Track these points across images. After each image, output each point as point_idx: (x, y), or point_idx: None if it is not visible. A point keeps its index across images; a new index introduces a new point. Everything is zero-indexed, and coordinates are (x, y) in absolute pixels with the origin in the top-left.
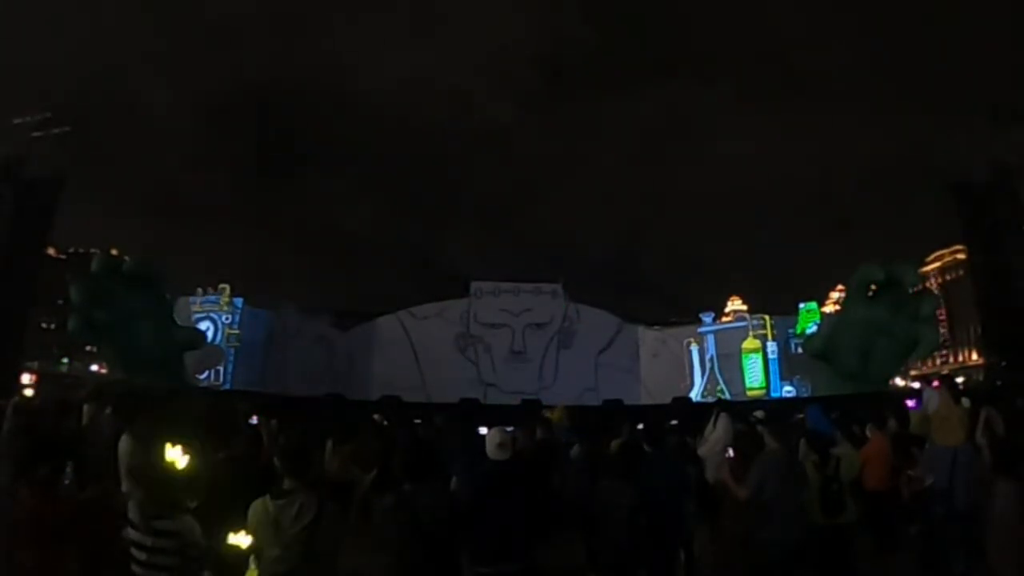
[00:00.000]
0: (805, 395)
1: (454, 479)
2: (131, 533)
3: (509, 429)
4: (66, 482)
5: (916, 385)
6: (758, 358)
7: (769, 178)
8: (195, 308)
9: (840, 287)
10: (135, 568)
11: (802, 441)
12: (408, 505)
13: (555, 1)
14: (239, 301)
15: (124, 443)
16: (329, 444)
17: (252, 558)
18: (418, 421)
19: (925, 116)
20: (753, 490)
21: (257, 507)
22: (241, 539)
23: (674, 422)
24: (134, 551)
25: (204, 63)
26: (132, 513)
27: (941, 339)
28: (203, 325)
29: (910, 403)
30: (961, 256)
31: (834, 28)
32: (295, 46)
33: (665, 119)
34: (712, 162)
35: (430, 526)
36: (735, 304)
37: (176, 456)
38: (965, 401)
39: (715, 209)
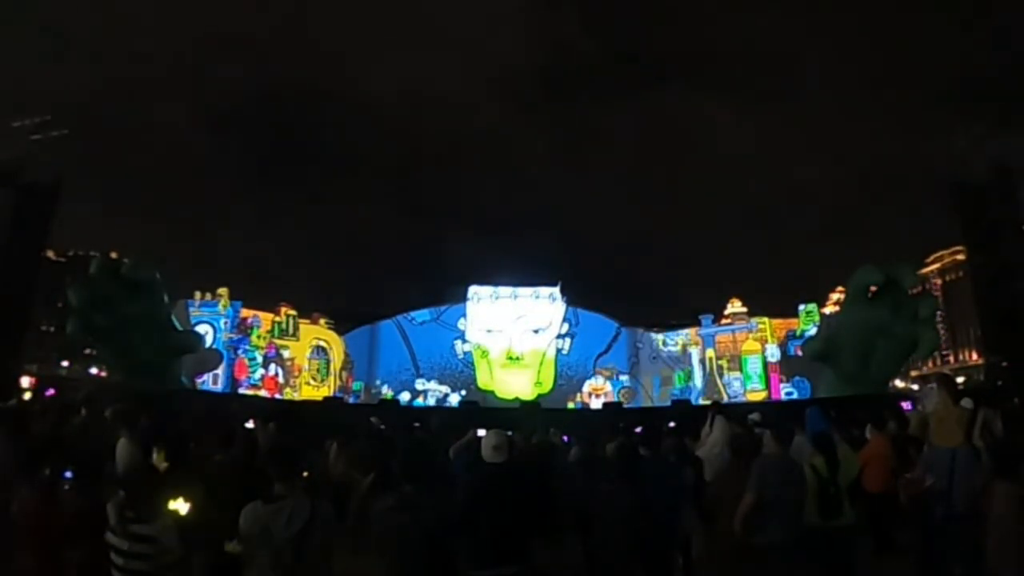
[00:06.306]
0: (805, 397)
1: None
2: (110, 537)
3: (509, 433)
4: (66, 486)
5: (916, 387)
6: (758, 360)
7: (768, 180)
8: (193, 312)
9: (840, 288)
10: (114, 572)
11: (805, 442)
12: (409, 506)
13: (555, 11)
14: (238, 304)
15: (122, 446)
16: (334, 446)
17: (245, 563)
18: (416, 424)
19: (925, 117)
20: (756, 494)
21: (248, 512)
22: (234, 544)
23: (672, 424)
24: (112, 555)
25: (206, 69)
26: (111, 517)
27: (940, 340)
28: (201, 329)
29: (906, 405)
30: (961, 257)
31: (832, 31)
32: (297, 54)
33: (664, 123)
34: (711, 165)
35: (432, 527)
36: (735, 306)
37: (160, 460)
38: (967, 401)
39: (714, 211)
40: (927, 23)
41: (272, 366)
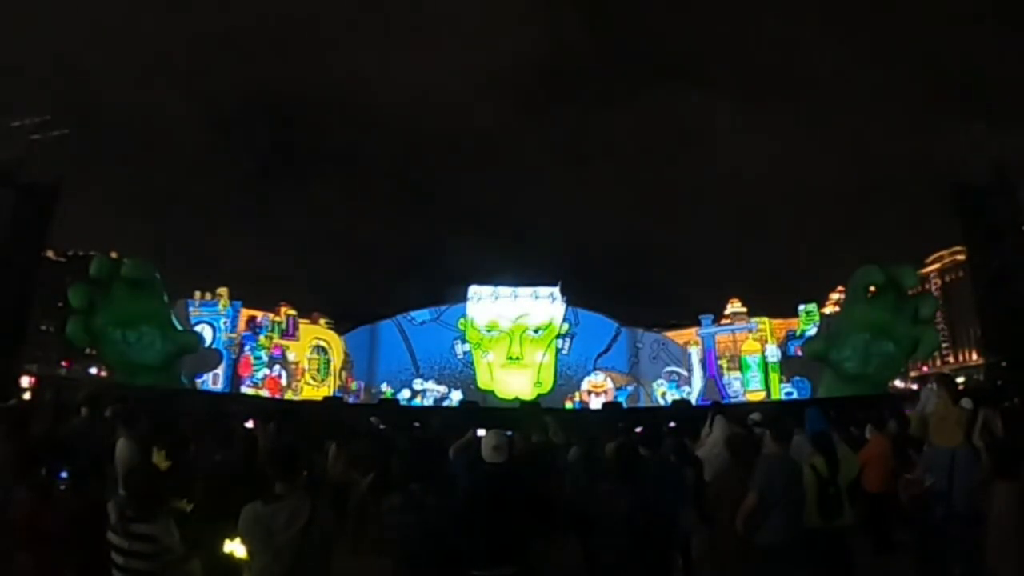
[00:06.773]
0: (805, 397)
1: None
2: (111, 536)
3: (508, 433)
4: (62, 487)
5: (916, 387)
6: (758, 360)
7: (768, 180)
8: (193, 312)
9: (840, 289)
10: (114, 572)
11: (804, 442)
12: (416, 506)
13: (555, 10)
14: (238, 304)
15: (122, 446)
16: (333, 447)
17: (245, 564)
18: (416, 424)
19: (925, 117)
20: (759, 493)
21: (248, 512)
22: (235, 545)
23: (672, 424)
24: (113, 554)
25: (207, 70)
26: (112, 516)
27: (940, 340)
28: (201, 329)
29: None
30: (961, 257)
31: (832, 31)
32: (297, 54)
33: (664, 123)
34: (711, 165)
35: (437, 526)
36: (735, 306)
37: (160, 460)
38: (967, 401)
39: (715, 211)
40: (927, 23)
41: (276, 367)
